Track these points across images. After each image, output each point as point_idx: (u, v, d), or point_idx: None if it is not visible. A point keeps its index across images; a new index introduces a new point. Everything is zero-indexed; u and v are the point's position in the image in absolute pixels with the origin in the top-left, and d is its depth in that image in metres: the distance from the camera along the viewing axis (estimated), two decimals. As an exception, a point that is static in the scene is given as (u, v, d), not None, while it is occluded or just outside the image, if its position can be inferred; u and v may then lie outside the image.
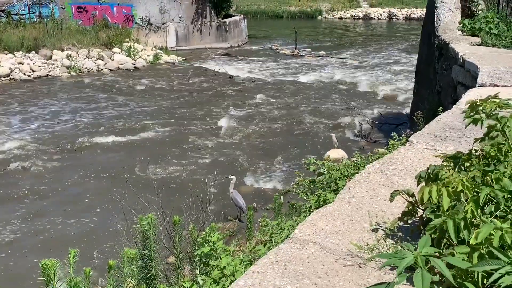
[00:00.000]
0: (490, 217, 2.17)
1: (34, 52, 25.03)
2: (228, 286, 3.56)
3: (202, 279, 3.71)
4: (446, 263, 1.83)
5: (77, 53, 26.20)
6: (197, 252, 3.93)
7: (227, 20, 33.73)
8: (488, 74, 7.37)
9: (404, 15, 58.21)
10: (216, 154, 13.91)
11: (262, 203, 10.65)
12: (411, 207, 2.63)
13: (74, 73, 24.72)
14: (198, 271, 3.91)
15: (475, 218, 2.13)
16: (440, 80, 11.44)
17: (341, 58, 30.02)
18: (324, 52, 31.95)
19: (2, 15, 27.29)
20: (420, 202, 2.49)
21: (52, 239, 9.44)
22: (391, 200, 2.72)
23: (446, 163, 2.69)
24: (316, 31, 46.36)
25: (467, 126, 2.97)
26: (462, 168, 2.64)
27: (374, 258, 2.44)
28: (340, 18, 58.46)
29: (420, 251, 1.85)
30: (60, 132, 15.79)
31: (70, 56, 25.74)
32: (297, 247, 2.62)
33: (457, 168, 2.61)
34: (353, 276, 2.33)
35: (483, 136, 2.82)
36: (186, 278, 4.89)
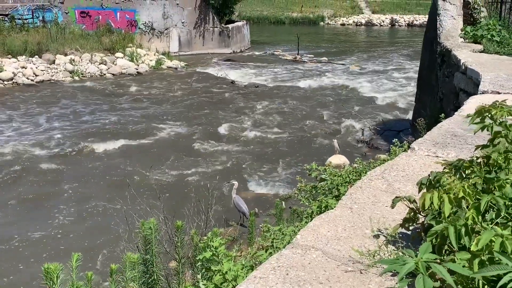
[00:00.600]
0: (491, 224, 2.18)
1: (37, 56, 25.16)
2: (229, 291, 3.57)
3: (204, 284, 3.72)
4: (448, 269, 1.84)
5: (80, 57, 26.30)
6: (199, 257, 3.94)
7: (230, 25, 33.84)
8: (490, 81, 7.39)
9: (407, 22, 58.36)
10: (218, 159, 13.93)
11: (263, 208, 10.65)
12: (412, 214, 2.64)
13: (77, 77, 24.80)
14: (200, 276, 3.91)
15: (476, 224, 2.14)
16: (442, 87, 11.45)
17: (343, 64, 30.06)
18: (326, 58, 32.01)
19: (6, 19, 27.43)
20: (422, 209, 2.50)
21: (54, 243, 9.45)
22: (392, 207, 2.73)
23: (447, 170, 2.70)
24: (319, 37, 46.47)
25: (475, 132, 2.98)
26: (463, 175, 2.65)
27: (376, 264, 2.45)
28: (343, 24, 58.64)
29: (421, 257, 1.86)
30: (62, 136, 15.83)
31: (73, 60, 25.84)
32: (298, 253, 2.63)
33: (458, 175, 2.62)
34: (354, 282, 2.34)
35: (487, 143, 2.83)
36: (187, 283, 4.90)
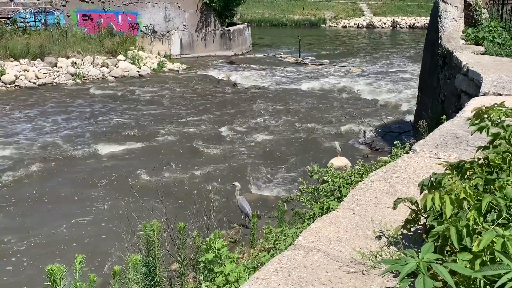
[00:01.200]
0: (492, 224, 2.19)
1: (39, 59, 25.22)
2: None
3: (206, 286, 3.73)
4: (449, 270, 1.85)
5: (82, 60, 26.35)
6: (201, 258, 3.95)
7: (231, 28, 33.88)
8: (491, 83, 7.39)
9: (408, 24, 58.37)
10: (220, 162, 13.94)
11: (265, 210, 10.65)
12: (414, 215, 2.65)
13: (79, 80, 24.85)
14: (202, 277, 3.92)
15: (477, 225, 2.15)
16: (443, 89, 11.46)
17: (344, 67, 30.08)
18: (328, 60, 32.03)
19: (8, 22, 27.50)
20: (423, 210, 2.51)
21: (57, 244, 9.46)
22: (394, 208, 2.74)
23: (449, 171, 2.71)
24: (320, 39, 46.50)
25: (473, 133, 2.99)
26: (464, 176, 2.66)
27: (377, 265, 2.46)
28: (344, 27, 58.68)
29: (423, 258, 1.86)
30: (64, 139, 15.86)
31: (75, 63, 25.89)
32: (301, 254, 2.64)
33: (459, 176, 2.63)
34: (356, 283, 2.35)
35: (487, 145, 2.84)
36: (190, 284, 4.91)
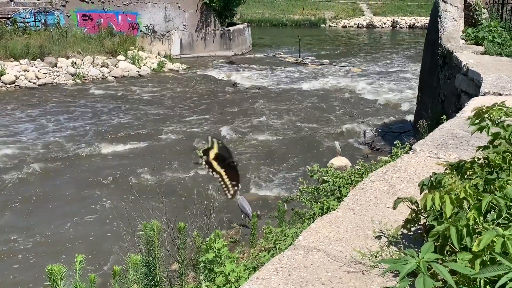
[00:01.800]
0: (493, 224, 2.19)
1: (39, 59, 25.22)
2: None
3: (206, 286, 3.73)
4: (449, 270, 1.85)
5: (82, 60, 26.35)
6: (201, 258, 3.95)
7: (231, 28, 33.88)
8: (491, 83, 7.39)
9: (408, 24, 58.37)
10: (220, 162, 13.92)
11: (265, 210, 10.65)
12: (414, 215, 2.65)
13: (79, 80, 24.85)
14: (203, 277, 3.92)
15: (477, 225, 2.15)
16: (443, 89, 11.46)
17: (344, 66, 30.08)
18: (328, 60, 32.03)
19: (8, 22, 27.51)
20: (423, 210, 2.51)
21: (57, 244, 9.47)
22: (394, 208, 2.74)
23: (449, 171, 2.71)
24: (320, 39, 46.50)
25: (473, 133, 2.99)
26: (464, 176, 2.66)
27: (378, 265, 2.46)
28: (344, 27, 58.67)
29: (423, 257, 1.86)
30: (64, 139, 15.86)
31: (75, 63, 25.89)
32: (301, 254, 2.64)
33: (460, 176, 2.63)
34: (356, 283, 2.35)
35: (487, 144, 2.83)
36: (190, 284, 4.91)
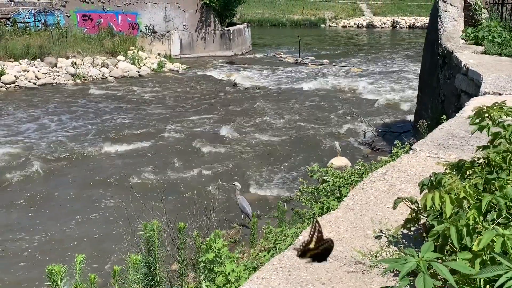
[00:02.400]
0: (492, 224, 2.19)
1: (39, 59, 25.22)
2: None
3: (206, 286, 3.73)
4: (449, 269, 1.85)
5: (82, 60, 26.35)
6: (201, 258, 3.95)
7: (231, 28, 33.88)
8: (491, 82, 7.39)
9: (408, 24, 58.38)
10: (220, 162, 13.94)
11: (265, 210, 10.65)
12: (414, 214, 2.65)
13: (78, 80, 24.85)
14: (203, 277, 3.93)
15: (477, 225, 2.15)
16: (443, 89, 11.46)
17: (344, 66, 30.08)
18: (328, 60, 32.03)
19: (8, 23, 27.50)
20: (423, 209, 2.51)
21: (57, 244, 9.46)
22: (394, 208, 2.74)
23: (449, 170, 2.72)
24: (320, 39, 46.51)
25: (473, 133, 2.99)
26: (464, 176, 2.66)
27: (378, 264, 2.46)
28: (344, 27, 58.69)
29: (422, 256, 1.87)
30: (64, 139, 15.86)
31: (75, 63, 25.89)
32: (301, 254, 2.64)
33: (459, 176, 2.63)
34: (356, 283, 2.35)
35: (487, 144, 2.84)
36: (190, 284, 4.92)
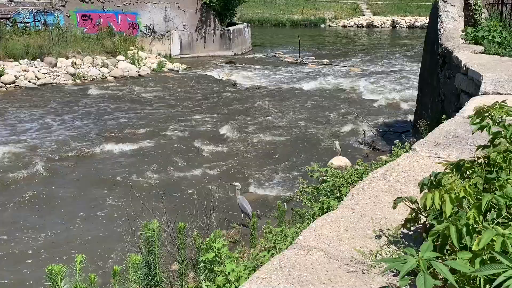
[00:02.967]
0: (492, 223, 2.19)
1: (39, 59, 25.22)
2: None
3: (206, 285, 3.73)
4: (449, 268, 1.85)
5: (81, 60, 26.35)
6: (201, 258, 3.95)
7: (231, 28, 33.88)
8: (491, 82, 7.40)
9: (408, 24, 58.39)
10: (220, 161, 13.94)
11: (265, 210, 10.65)
12: (414, 214, 2.65)
13: (78, 80, 24.84)
14: (203, 277, 3.93)
15: (477, 224, 2.15)
16: (443, 88, 11.46)
17: (344, 66, 30.08)
18: (328, 60, 32.03)
19: (8, 23, 27.51)
20: (423, 209, 2.51)
21: (57, 245, 9.46)
22: (394, 207, 2.75)
23: (448, 170, 2.72)
24: (320, 39, 46.52)
25: (474, 132, 2.99)
26: (464, 175, 2.66)
27: (378, 264, 2.46)
28: (344, 26, 58.70)
29: (422, 256, 1.87)
30: (64, 139, 15.85)
31: (75, 63, 25.89)
32: (301, 253, 2.65)
33: (459, 175, 2.64)
34: (356, 282, 2.35)
35: (488, 143, 2.84)
36: (190, 284, 4.92)
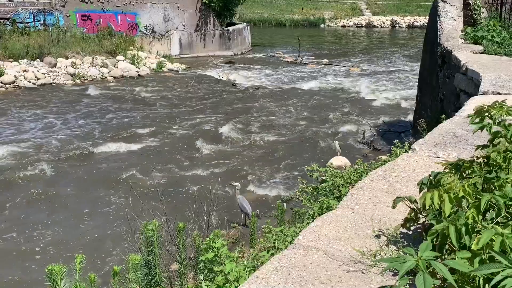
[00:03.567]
0: (491, 223, 2.19)
1: (38, 59, 25.22)
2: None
3: (206, 285, 3.74)
4: (449, 268, 1.85)
5: (81, 60, 26.35)
6: (201, 258, 3.95)
7: (231, 28, 33.88)
8: (490, 82, 7.40)
9: (407, 23, 58.44)
10: (220, 161, 13.94)
11: (265, 210, 10.65)
12: (413, 214, 2.66)
13: (78, 80, 24.84)
14: (202, 277, 3.93)
15: (476, 224, 2.15)
16: (442, 88, 11.46)
17: (344, 66, 30.09)
18: (327, 60, 32.04)
19: (7, 23, 27.50)
20: (422, 208, 2.51)
21: (57, 245, 9.46)
22: (393, 207, 2.75)
23: (448, 170, 2.72)
24: (319, 39, 46.53)
25: (474, 132, 2.99)
26: (463, 175, 2.67)
27: (377, 264, 2.46)
28: (343, 26, 58.73)
29: (421, 255, 1.87)
30: (64, 139, 15.85)
31: (75, 63, 25.88)
32: (300, 253, 2.65)
33: (459, 175, 2.64)
34: (356, 282, 2.35)
35: (487, 143, 2.84)
36: (190, 284, 4.92)
